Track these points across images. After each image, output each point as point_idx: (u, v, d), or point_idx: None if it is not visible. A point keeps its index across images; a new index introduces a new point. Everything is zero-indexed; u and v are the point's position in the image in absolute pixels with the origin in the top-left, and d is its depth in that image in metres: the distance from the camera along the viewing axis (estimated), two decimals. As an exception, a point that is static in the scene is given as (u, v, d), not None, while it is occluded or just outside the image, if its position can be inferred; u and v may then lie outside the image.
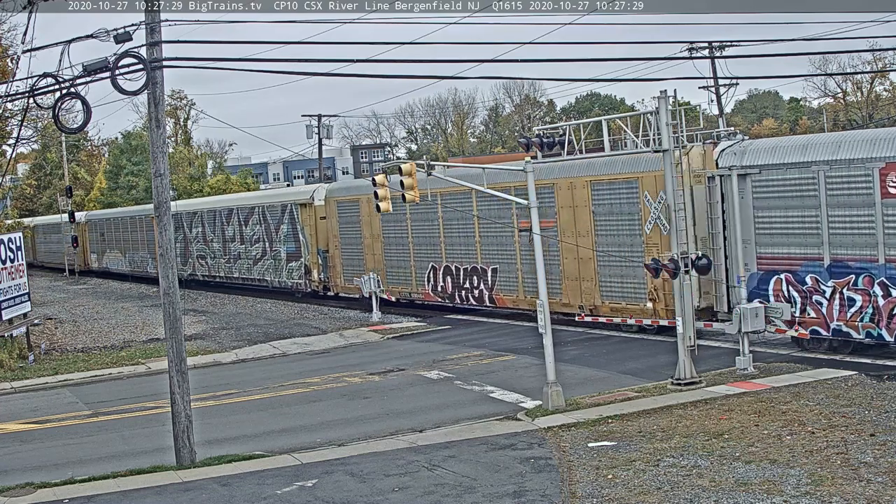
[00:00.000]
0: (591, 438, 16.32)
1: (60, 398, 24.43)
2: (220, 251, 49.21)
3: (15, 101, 26.12)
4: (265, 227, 44.30)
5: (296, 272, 41.81)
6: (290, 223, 42.11)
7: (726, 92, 52.90)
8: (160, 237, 17.36)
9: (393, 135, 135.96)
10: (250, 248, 45.93)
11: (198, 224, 51.50)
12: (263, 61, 18.72)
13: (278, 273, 43.42)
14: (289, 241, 42.24)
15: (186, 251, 52.99)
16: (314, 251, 40.43)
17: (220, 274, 49.52)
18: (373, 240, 36.51)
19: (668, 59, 44.25)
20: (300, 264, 41.43)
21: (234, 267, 47.73)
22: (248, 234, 46.05)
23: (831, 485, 12.76)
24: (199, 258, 51.74)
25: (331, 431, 18.67)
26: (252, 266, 45.88)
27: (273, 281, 44.10)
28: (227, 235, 48.23)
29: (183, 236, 52.75)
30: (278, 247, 43.12)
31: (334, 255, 39.21)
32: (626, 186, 26.24)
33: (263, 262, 44.74)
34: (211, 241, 49.99)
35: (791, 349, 22.84)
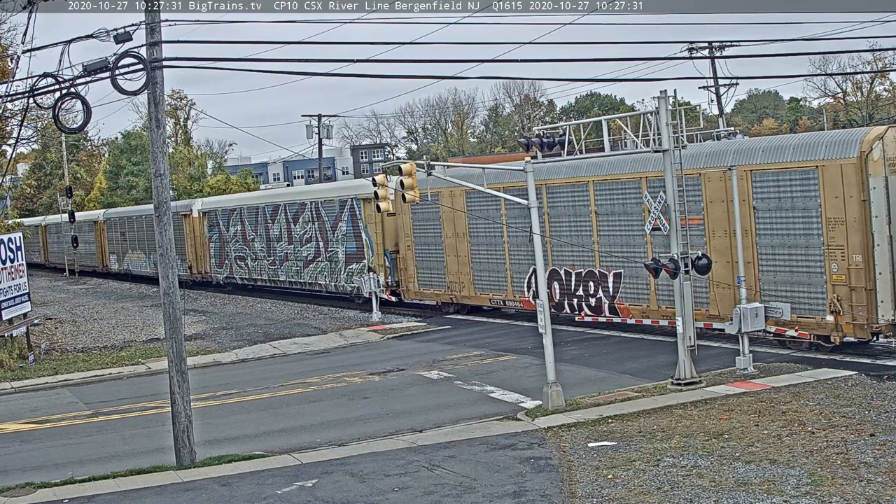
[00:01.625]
0: (591, 438, 16.32)
1: (60, 398, 24.43)
2: (263, 252, 44.90)
3: (15, 101, 26.09)
4: (319, 225, 40.04)
5: (357, 276, 37.48)
6: (350, 220, 37.99)
7: (726, 92, 52.92)
8: (160, 237, 17.39)
9: (393, 135, 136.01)
10: (300, 248, 41.64)
11: (236, 222, 47.26)
12: (263, 61, 18.73)
13: (334, 276, 39.23)
14: (348, 240, 38.17)
15: (222, 252, 48.96)
16: (380, 252, 36.55)
17: (263, 277, 45.15)
18: (457, 239, 32.47)
19: (668, 59, 44.28)
20: (363, 267, 37.26)
21: (281, 270, 43.51)
22: (297, 233, 41.80)
23: (831, 485, 12.76)
24: (237, 260, 47.53)
25: (331, 431, 18.67)
26: (302, 269, 41.62)
27: (328, 285, 39.79)
28: (271, 234, 43.90)
29: (218, 235, 49.07)
30: (335, 247, 39.10)
31: (406, 257, 35.27)
32: (801, 178, 22.09)
33: (316, 264, 40.69)
34: (252, 241, 45.78)
35: (791, 349, 22.81)
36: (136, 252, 60.76)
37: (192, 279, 52.13)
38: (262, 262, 44.97)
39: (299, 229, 41.60)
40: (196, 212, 51.54)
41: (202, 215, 50.88)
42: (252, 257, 45.84)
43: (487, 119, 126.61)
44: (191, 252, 52.12)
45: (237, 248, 47.31)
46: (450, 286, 32.82)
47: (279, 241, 43.34)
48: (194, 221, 51.57)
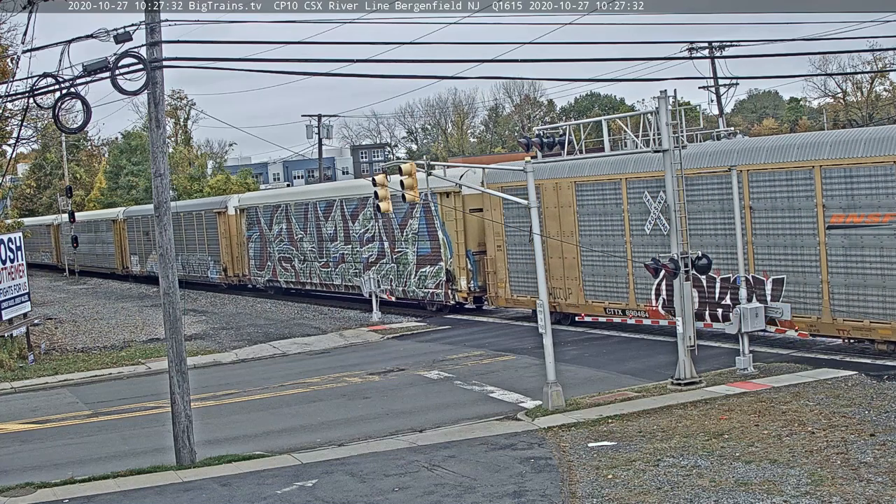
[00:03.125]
0: (591, 438, 16.32)
1: (60, 398, 24.43)
2: (314, 253, 40.91)
3: (15, 101, 26.12)
4: (384, 222, 36.18)
5: (432, 280, 33.87)
6: (423, 218, 34.10)
7: (726, 92, 52.97)
8: (159, 237, 17.39)
9: (393, 135, 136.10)
10: (360, 249, 37.75)
11: (281, 219, 43.13)
12: (263, 61, 18.73)
13: (403, 280, 35.44)
14: (421, 239, 34.31)
15: (264, 253, 44.89)
16: (461, 253, 32.71)
17: (314, 280, 41.10)
18: (563, 238, 28.06)
19: (668, 59, 44.26)
20: (438, 269, 33.48)
21: (335, 272, 39.47)
22: (357, 231, 37.92)
23: (831, 485, 12.76)
24: (281, 261, 43.41)
25: (331, 431, 18.67)
26: (362, 272, 37.65)
27: (394, 290, 35.82)
28: (324, 233, 39.98)
29: (259, 235, 45.02)
30: (404, 247, 35.20)
31: (495, 259, 31.15)
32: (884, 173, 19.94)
33: (380, 266, 36.67)
34: (300, 241, 41.78)
35: (791, 349, 22.81)
36: None
37: (228, 282, 48.74)
38: (312, 265, 41.21)
39: (359, 227, 37.80)
40: (232, 209, 47.54)
41: (240, 212, 46.88)
42: (300, 259, 41.92)
43: (487, 119, 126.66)
44: (226, 253, 48.25)
45: (282, 248, 43.28)
46: (552, 293, 27.82)
47: (334, 241, 39.54)
48: (230, 219, 47.66)
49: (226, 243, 48.09)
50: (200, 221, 50.58)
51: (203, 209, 50.77)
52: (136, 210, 62.04)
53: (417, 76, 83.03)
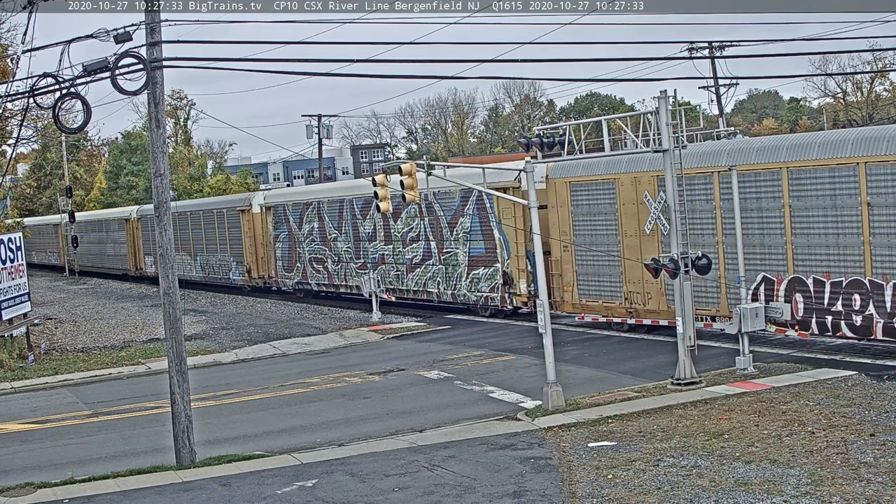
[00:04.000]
0: (591, 438, 16.32)
1: (60, 398, 24.43)
2: (349, 254, 38.34)
3: (15, 101, 26.11)
4: (431, 221, 33.66)
5: (486, 282, 31.38)
6: (476, 215, 31.61)
7: (726, 92, 52.98)
8: (159, 237, 17.37)
9: (393, 135, 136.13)
10: (403, 249, 35.28)
11: (312, 217, 40.57)
12: (263, 61, 18.74)
13: (452, 284, 32.97)
14: (474, 239, 31.84)
15: (292, 253, 42.30)
16: (519, 254, 30.08)
17: (348, 283, 38.50)
18: (641, 238, 25.72)
19: (668, 59, 44.26)
20: (494, 272, 31.03)
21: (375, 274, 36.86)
22: (399, 230, 35.39)
23: (831, 485, 12.76)
24: (313, 263, 40.86)
25: (331, 431, 18.67)
26: (405, 274, 35.25)
27: (442, 293, 33.45)
28: (362, 233, 37.44)
29: (288, 234, 42.45)
30: (454, 247, 32.73)
31: (562, 260, 28.47)
32: None
33: (426, 268, 34.25)
34: (334, 241, 39.18)
35: (791, 349, 22.80)
36: (178, 254, 52.12)
37: (251, 284, 46.16)
38: (347, 266, 38.61)
39: (402, 227, 35.24)
40: (257, 206, 44.96)
41: (265, 210, 44.30)
42: (334, 260, 39.35)
43: (487, 119, 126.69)
44: (249, 253, 45.63)
45: (313, 248, 40.70)
46: (628, 297, 25.93)
47: (372, 241, 36.95)
48: (255, 218, 45.12)
49: (250, 243, 45.60)
50: (222, 220, 47.99)
51: (225, 207, 48.21)
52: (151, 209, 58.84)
53: (417, 76, 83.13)
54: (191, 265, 51.67)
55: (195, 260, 51.31)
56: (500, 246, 30.83)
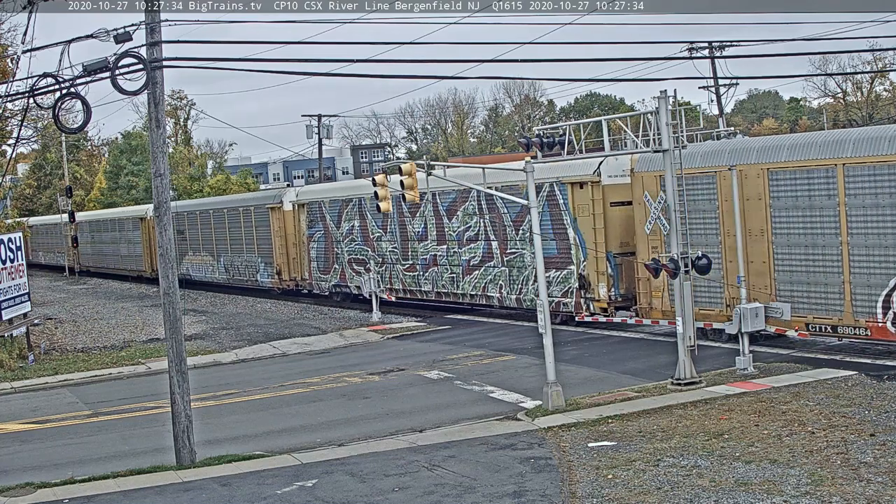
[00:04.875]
0: (591, 438, 16.32)
1: (60, 398, 24.43)
2: (395, 254, 35.59)
3: (15, 101, 26.14)
4: (492, 218, 30.96)
5: (557, 286, 28.43)
6: (548, 212, 28.61)
7: (726, 92, 52.99)
8: (160, 237, 17.37)
9: (393, 135, 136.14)
10: (459, 250, 32.55)
11: (352, 215, 37.73)
12: (263, 61, 18.75)
13: (517, 287, 30.21)
14: (544, 238, 26.84)
15: (329, 254, 39.43)
16: (598, 255, 27.26)
17: (395, 286, 35.73)
18: (748, 237, 22.86)
19: (668, 59, 44.31)
20: (568, 274, 28.14)
21: (424, 277, 34.20)
22: (455, 229, 32.65)
23: (831, 485, 12.76)
24: (352, 264, 37.94)
25: (331, 431, 18.67)
26: (461, 276, 32.55)
27: (505, 298, 30.69)
28: (410, 232, 34.74)
29: (324, 233, 39.64)
30: (519, 248, 29.90)
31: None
32: None
33: (485, 270, 31.50)
34: (378, 241, 36.36)
35: (791, 349, 22.80)
36: (199, 254, 50.29)
37: (282, 287, 43.29)
38: (393, 268, 35.73)
39: (458, 225, 32.52)
40: (289, 204, 42.19)
41: (298, 207, 41.42)
42: (377, 261, 36.45)
43: (487, 119, 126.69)
44: (280, 254, 42.80)
45: (354, 248, 37.79)
46: (730, 304, 23.30)
47: (422, 241, 34.21)
48: (286, 216, 42.35)
49: (280, 243, 42.68)
50: (248, 218, 45.00)
51: (252, 205, 45.29)
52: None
53: (417, 76, 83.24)
54: (213, 267, 48.82)
55: (218, 261, 48.34)
56: (575, 246, 27.88)
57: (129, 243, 59.77)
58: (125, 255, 60.37)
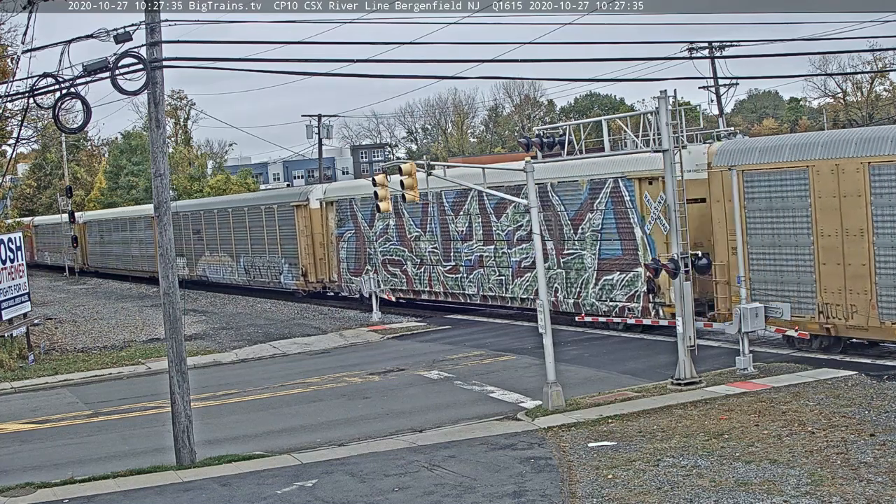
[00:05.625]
0: (591, 438, 16.32)
1: (60, 398, 24.43)
2: (435, 255, 33.51)
3: (15, 101, 26.14)
4: (548, 216, 28.68)
5: (622, 290, 26.41)
6: (611, 210, 26.64)
7: (726, 92, 52.99)
8: (160, 237, 17.35)
9: (393, 135, 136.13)
10: (508, 250, 30.41)
11: (387, 214, 33.75)
12: (263, 61, 18.75)
13: (575, 291, 28.15)
14: (607, 238, 26.82)
15: (360, 255, 37.30)
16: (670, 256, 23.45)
17: (435, 289, 33.76)
18: (845, 238, 21.04)
19: (668, 59, 44.30)
20: (634, 277, 25.99)
21: (469, 280, 31.97)
22: (503, 228, 30.59)
23: (831, 485, 12.77)
24: (387, 265, 35.94)
25: (331, 431, 18.67)
26: (510, 279, 30.39)
27: (563, 302, 28.53)
28: (453, 231, 32.62)
29: (354, 233, 37.52)
30: (578, 248, 27.72)
31: (730, 264, 23.21)
32: None
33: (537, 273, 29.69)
34: (416, 241, 34.44)
35: (791, 349, 22.79)
36: (217, 254, 48.11)
37: (307, 289, 41.12)
38: (433, 270, 33.72)
39: (507, 223, 30.39)
40: (316, 201, 39.92)
41: (326, 206, 39.31)
42: (415, 262, 34.51)
43: (487, 119, 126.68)
44: (306, 254, 40.54)
45: (388, 249, 35.77)
46: (824, 310, 21.62)
47: (467, 241, 32.04)
48: (313, 214, 40.12)
49: (306, 243, 40.44)
50: (271, 217, 42.78)
51: (275, 203, 43.06)
52: (184, 205, 52.92)
53: (417, 76, 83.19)
54: (232, 268, 46.48)
55: (238, 262, 46.06)
56: (643, 247, 25.64)
57: (140, 243, 57.89)
58: (136, 255, 58.60)
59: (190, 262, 50.75)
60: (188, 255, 50.83)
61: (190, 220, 50.46)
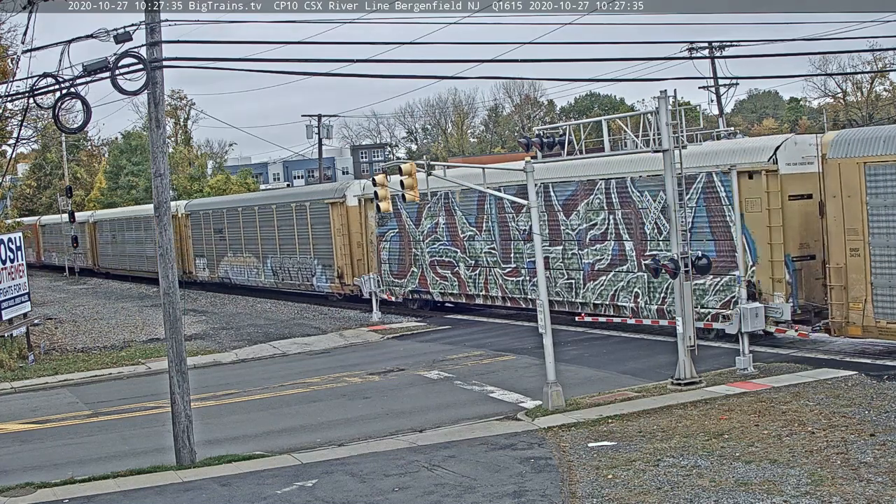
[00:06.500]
0: (591, 438, 16.32)
1: (60, 398, 24.43)
2: (492, 256, 30.98)
3: (15, 101, 26.15)
4: (626, 214, 26.34)
5: (715, 296, 24.04)
6: (703, 206, 24.35)
7: (726, 92, 53.00)
8: (160, 237, 17.35)
9: (393, 135, 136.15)
10: (579, 251, 27.86)
11: (436, 211, 33.08)
12: (263, 61, 18.75)
13: (658, 296, 25.70)
14: (699, 238, 24.21)
15: (405, 255, 34.83)
16: (773, 258, 22.85)
17: (491, 292, 31.12)
18: None
19: (668, 59, 44.33)
20: (731, 281, 23.49)
21: (533, 283, 28.59)
22: (573, 226, 28.08)
23: (831, 485, 12.77)
24: (436, 267, 33.46)
25: (331, 431, 18.68)
26: (583, 282, 27.81)
27: (644, 309, 25.99)
28: (512, 230, 30.29)
29: (398, 232, 35.05)
30: (663, 249, 24.62)
31: (847, 268, 21.00)
32: None
33: (616, 276, 26.76)
34: (470, 240, 31.74)
35: (791, 349, 22.79)
36: (241, 255, 45.34)
37: (343, 292, 38.54)
38: (490, 272, 31.14)
39: (578, 221, 27.93)
40: (353, 198, 37.49)
41: (364, 203, 36.77)
42: (468, 264, 32.00)
43: (487, 119, 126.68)
44: (342, 255, 37.87)
45: (437, 249, 33.34)
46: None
47: (530, 241, 27.53)
48: (350, 212, 37.68)
49: (342, 243, 37.84)
50: (303, 215, 40.09)
51: (308, 200, 40.28)
52: (204, 203, 50.75)
53: (417, 76, 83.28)
54: (258, 269, 43.83)
55: (264, 263, 43.33)
56: (742, 248, 23.23)
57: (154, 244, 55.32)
58: (151, 256, 54.87)
59: (211, 264, 48.40)
60: (209, 255, 48.60)
61: (211, 218, 47.98)
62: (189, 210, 50.55)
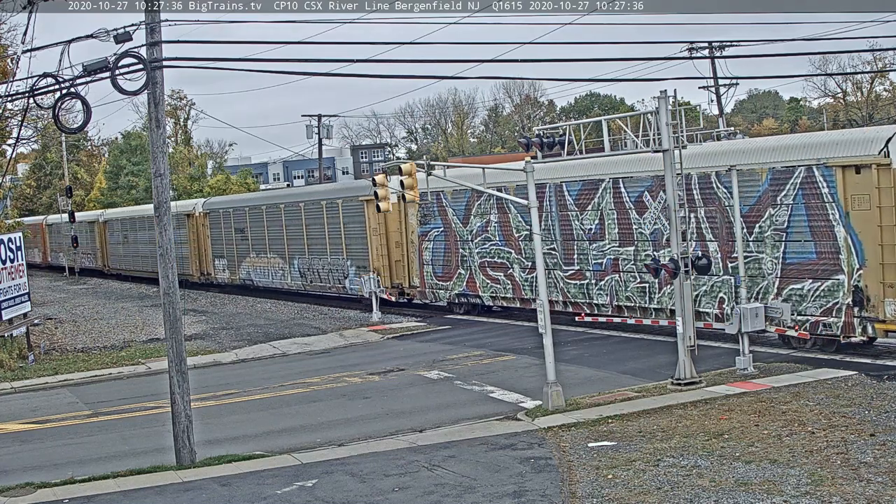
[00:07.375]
0: (591, 438, 16.32)
1: (60, 398, 24.43)
2: (554, 257, 28.61)
3: (15, 101, 26.14)
4: (710, 211, 24.15)
5: (815, 301, 21.92)
6: (801, 203, 22.13)
7: (726, 92, 53.01)
8: (159, 237, 17.34)
9: (393, 135, 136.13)
10: (654, 253, 25.52)
11: (486, 208, 30.96)
12: (263, 61, 18.75)
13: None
14: (795, 238, 22.33)
15: (451, 256, 32.74)
16: (887, 260, 20.63)
17: (552, 297, 27.99)
18: None
19: (668, 59, 44.33)
20: (834, 286, 21.55)
21: (599, 287, 27.40)
22: (645, 225, 25.92)
23: (831, 485, 12.77)
24: (486, 269, 31.33)
25: (331, 431, 18.68)
26: (658, 287, 25.62)
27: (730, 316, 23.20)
28: (576, 229, 27.98)
29: (443, 231, 32.88)
30: (755, 251, 22.97)
31: None
32: None
33: (696, 279, 23.42)
34: (527, 241, 29.01)
35: (791, 349, 22.78)
36: (265, 256, 43.14)
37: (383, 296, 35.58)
38: (550, 275, 28.57)
39: (652, 220, 25.71)
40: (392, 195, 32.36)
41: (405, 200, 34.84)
42: (523, 266, 29.80)
43: (487, 119, 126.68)
44: (379, 255, 35.69)
45: (488, 250, 31.12)
46: None
47: (596, 241, 27.26)
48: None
49: (379, 242, 35.63)
50: (334, 213, 37.77)
51: (340, 197, 37.99)
52: (224, 201, 48.49)
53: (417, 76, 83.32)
54: (284, 271, 41.64)
55: (291, 264, 41.14)
56: (847, 250, 21.30)
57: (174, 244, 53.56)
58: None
59: (231, 265, 46.23)
60: (229, 256, 46.35)
61: (232, 217, 45.70)
62: (207, 209, 48.48)
